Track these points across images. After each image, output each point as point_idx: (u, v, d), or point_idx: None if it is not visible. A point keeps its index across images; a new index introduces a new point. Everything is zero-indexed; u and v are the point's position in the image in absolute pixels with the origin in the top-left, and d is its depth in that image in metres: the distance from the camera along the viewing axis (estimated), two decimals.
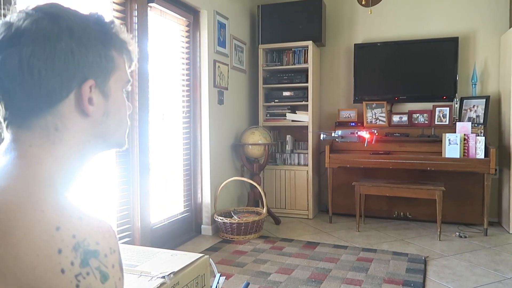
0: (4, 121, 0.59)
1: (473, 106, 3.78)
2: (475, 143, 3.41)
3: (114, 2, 2.55)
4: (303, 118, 4.07)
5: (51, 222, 0.49)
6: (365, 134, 3.32)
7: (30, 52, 0.55)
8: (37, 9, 0.58)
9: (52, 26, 0.57)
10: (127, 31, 0.69)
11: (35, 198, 0.51)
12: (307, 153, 4.10)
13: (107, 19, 0.65)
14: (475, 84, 3.84)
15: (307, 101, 4.05)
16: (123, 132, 0.69)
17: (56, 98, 0.58)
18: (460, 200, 3.72)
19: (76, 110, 0.60)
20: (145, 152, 2.77)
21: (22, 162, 0.56)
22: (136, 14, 2.67)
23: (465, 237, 3.39)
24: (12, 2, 1.88)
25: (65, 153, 0.60)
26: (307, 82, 4.06)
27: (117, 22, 0.66)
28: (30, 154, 0.57)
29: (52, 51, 0.56)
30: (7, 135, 0.60)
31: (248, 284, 1.37)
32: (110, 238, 0.54)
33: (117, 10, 2.59)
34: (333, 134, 3.36)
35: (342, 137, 3.34)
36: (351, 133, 3.33)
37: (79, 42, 0.59)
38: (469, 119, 3.75)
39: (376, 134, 3.42)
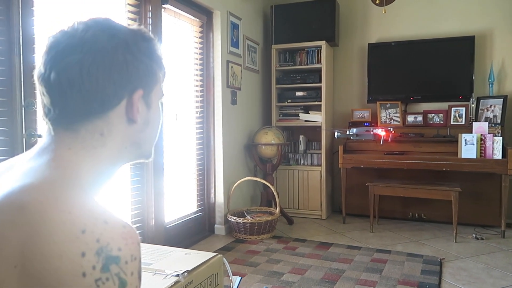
0: (52, 122, 0.62)
1: (490, 106, 3.71)
2: (492, 143, 3.34)
3: (128, 4, 2.58)
4: (316, 118, 4.06)
5: (77, 224, 0.49)
6: (380, 131, 3.27)
7: (91, 60, 0.59)
8: (95, 21, 0.63)
9: (111, 39, 0.61)
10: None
11: (63, 199, 0.52)
12: (321, 153, 4.08)
13: (150, 35, 0.69)
14: (492, 84, 3.77)
15: (320, 101, 4.03)
16: (153, 143, 0.73)
17: (109, 105, 0.61)
18: (476, 201, 3.65)
19: (124, 117, 0.64)
20: (159, 152, 2.80)
21: (56, 163, 0.58)
22: (150, 16, 2.70)
23: (482, 239, 3.33)
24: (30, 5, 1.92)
25: (103, 158, 0.63)
26: (320, 82, 4.04)
27: (155, 38, 0.71)
28: (67, 156, 0.59)
29: (111, 61, 0.60)
30: (46, 135, 0.63)
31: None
32: (133, 245, 0.53)
33: (131, 12, 2.62)
34: (348, 132, 3.31)
35: (357, 135, 3.28)
36: (366, 130, 3.27)
37: (133, 55, 0.63)
38: (486, 119, 3.69)
39: (393, 132, 3.37)
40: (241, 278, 1.46)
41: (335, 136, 3.49)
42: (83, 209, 0.52)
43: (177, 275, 1.22)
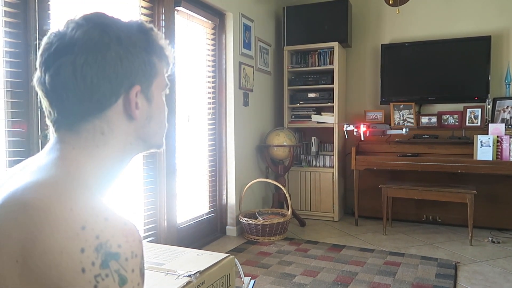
0: (54, 124, 0.62)
1: (507, 107, 3.64)
2: (509, 145, 3.28)
3: (142, 6, 2.61)
4: (329, 119, 4.04)
5: (77, 220, 0.50)
6: (362, 127, 3.24)
7: (83, 60, 0.58)
8: (86, 19, 0.61)
9: (102, 35, 0.60)
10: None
11: (66, 196, 0.52)
12: (333, 155, 4.06)
13: (148, 26, 0.66)
14: (509, 84, 3.70)
15: (333, 102, 4.01)
16: (162, 134, 0.72)
17: (106, 103, 0.61)
18: (492, 204, 3.59)
19: (123, 115, 0.63)
20: (172, 153, 2.82)
21: (62, 162, 0.58)
22: (163, 18, 2.72)
23: (498, 242, 3.26)
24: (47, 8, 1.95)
25: (107, 156, 0.62)
26: (332, 83, 4.02)
27: (155, 28, 0.68)
28: (72, 156, 0.59)
29: (103, 59, 0.59)
30: (53, 136, 0.63)
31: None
32: (134, 242, 0.53)
33: (145, 14, 2.64)
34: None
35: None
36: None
37: (126, 50, 0.61)
38: (503, 120, 3.62)
39: (368, 128, 3.34)
40: (254, 281, 1.46)
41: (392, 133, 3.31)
42: (85, 206, 0.52)
43: (189, 276, 1.22)
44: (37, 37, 1.89)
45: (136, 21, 0.66)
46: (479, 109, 3.71)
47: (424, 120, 3.93)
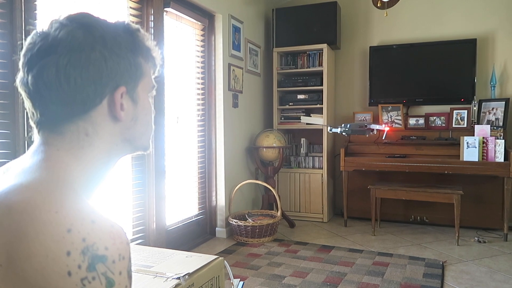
0: (37, 125, 0.61)
1: (492, 109, 3.71)
2: (495, 146, 3.34)
3: (130, 7, 2.59)
4: (318, 121, 4.06)
5: (63, 223, 0.49)
6: (383, 126, 3.20)
7: (66, 61, 0.57)
8: (71, 19, 0.60)
9: (87, 36, 0.59)
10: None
11: (51, 199, 0.51)
12: (322, 156, 4.08)
13: (134, 27, 0.66)
14: (494, 86, 3.77)
15: (322, 104, 4.03)
16: (148, 136, 0.71)
17: (90, 105, 0.60)
18: (479, 204, 3.64)
19: (108, 116, 0.62)
20: (161, 155, 2.80)
21: (46, 164, 0.57)
22: (152, 19, 2.71)
23: (484, 242, 3.31)
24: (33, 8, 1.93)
25: (92, 157, 0.62)
26: (321, 85, 4.04)
27: (142, 29, 0.68)
28: (56, 157, 0.59)
29: (87, 60, 0.58)
30: (37, 138, 0.62)
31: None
32: (121, 244, 0.52)
33: (133, 15, 2.63)
34: (339, 129, 3.15)
35: (351, 130, 3.13)
36: (360, 126, 3.16)
37: (111, 51, 0.60)
38: (488, 122, 3.68)
39: (388, 129, 3.31)
40: (243, 283, 1.46)
41: (328, 131, 3.36)
42: (71, 208, 0.51)
43: (178, 278, 1.22)
44: (23, 37, 1.87)
45: (122, 21, 0.65)
46: (465, 111, 3.77)
47: (412, 121, 3.97)
